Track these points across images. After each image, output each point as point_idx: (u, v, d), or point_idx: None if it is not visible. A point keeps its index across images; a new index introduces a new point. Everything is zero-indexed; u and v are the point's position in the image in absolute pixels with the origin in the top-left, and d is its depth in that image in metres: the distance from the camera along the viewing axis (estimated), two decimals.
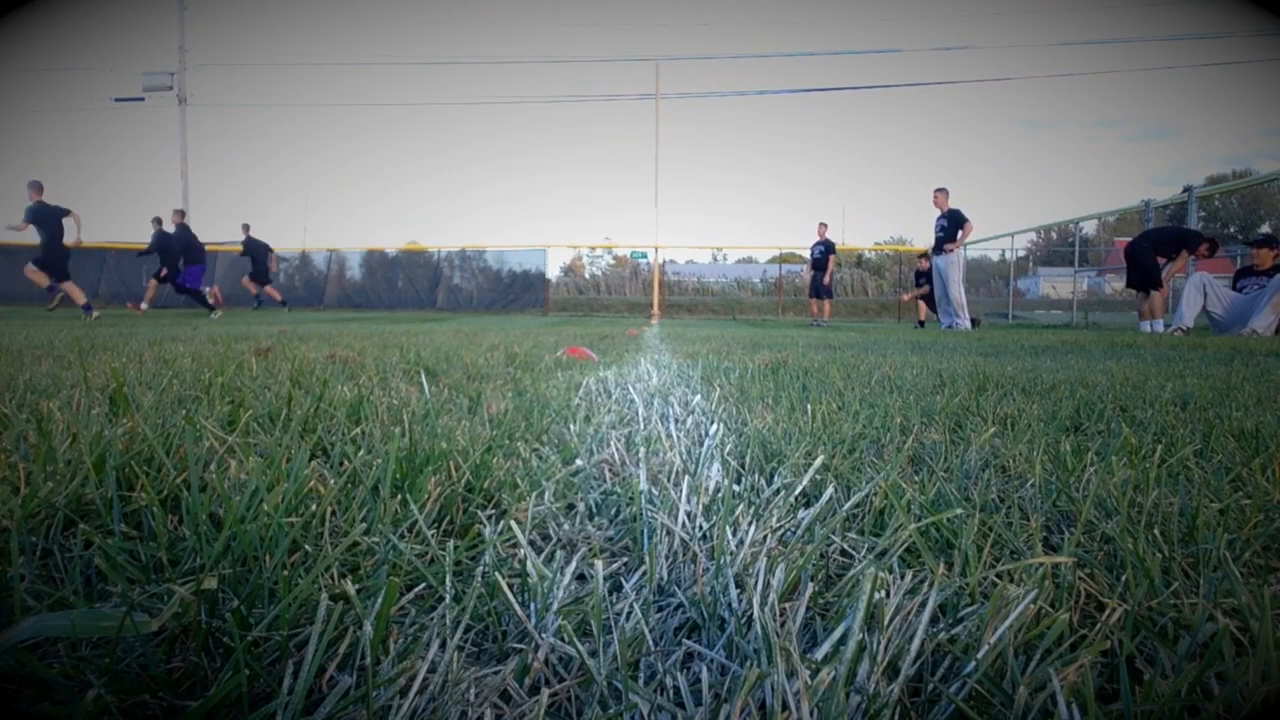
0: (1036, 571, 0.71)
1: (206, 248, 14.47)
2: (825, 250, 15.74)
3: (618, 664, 0.58)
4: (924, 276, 15.27)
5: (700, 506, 0.94)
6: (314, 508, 0.86)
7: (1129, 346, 5.28)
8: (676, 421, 1.66)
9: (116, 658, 0.57)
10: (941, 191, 11.74)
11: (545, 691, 0.55)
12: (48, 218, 10.74)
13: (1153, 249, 9.70)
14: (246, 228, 17.22)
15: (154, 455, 1.01)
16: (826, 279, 15.81)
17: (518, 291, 24.73)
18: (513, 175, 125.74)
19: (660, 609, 0.73)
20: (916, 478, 1.11)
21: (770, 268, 33.17)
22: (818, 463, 1.06)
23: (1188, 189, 12.09)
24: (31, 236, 11.01)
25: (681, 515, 0.91)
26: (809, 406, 1.69)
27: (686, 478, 1.04)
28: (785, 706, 0.51)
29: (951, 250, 11.49)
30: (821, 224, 15.80)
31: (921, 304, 14.94)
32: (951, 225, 11.52)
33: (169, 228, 13.70)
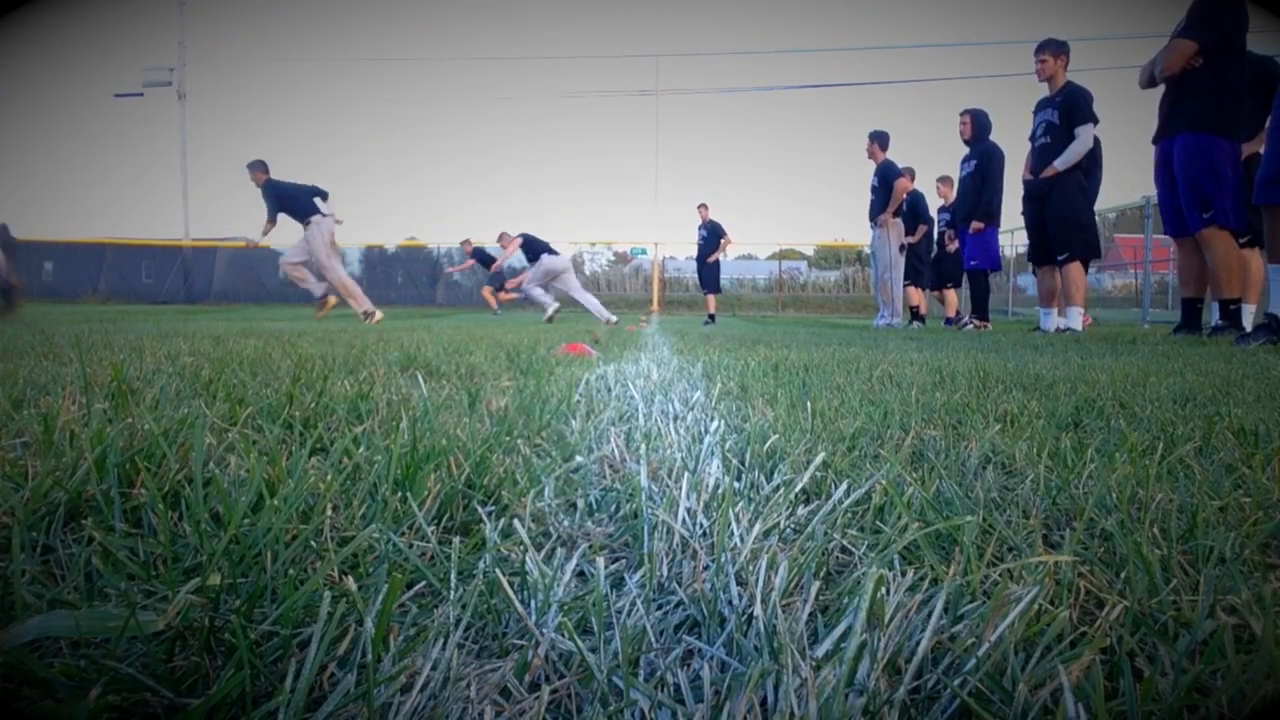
0: (1037, 569, 0.71)
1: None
2: (710, 234, 14.09)
3: (618, 660, 0.58)
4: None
5: (700, 503, 0.94)
6: (315, 505, 0.86)
7: (1130, 342, 5.28)
8: (676, 418, 1.66)
9: (119, 656, 0.57)
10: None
11: (546, 688, 0.55)
12: None
13: None
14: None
15: (155, 451, 1.01)
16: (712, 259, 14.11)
17: None
18: (513, 172, 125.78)
19: (660, 606, 0.73)
20: (917, 474, 1.11)
21: (770, 264, 33.16)
22: (818, 459, 1.06)
23: None
24: None
25: (681, 512, 0.91)
26: (809, 403, 1.69)
27: (686, 474, 1.04)
28: (786, 704, 0.51)
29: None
30: (701, 206, 14.07)
31: (912, 290, 14.19)
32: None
33: None
